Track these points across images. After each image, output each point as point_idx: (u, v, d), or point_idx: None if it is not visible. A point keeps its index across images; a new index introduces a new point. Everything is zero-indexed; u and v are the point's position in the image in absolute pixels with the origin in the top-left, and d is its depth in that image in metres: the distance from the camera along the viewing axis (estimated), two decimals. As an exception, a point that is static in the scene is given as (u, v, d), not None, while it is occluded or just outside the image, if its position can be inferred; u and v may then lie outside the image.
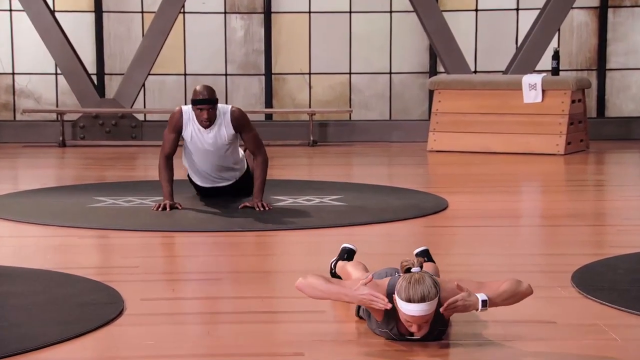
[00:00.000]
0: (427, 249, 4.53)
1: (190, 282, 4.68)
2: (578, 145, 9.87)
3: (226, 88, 11.50)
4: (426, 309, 3.44)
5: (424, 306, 3.43)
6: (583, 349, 3.58)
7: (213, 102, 6.35)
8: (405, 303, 3.45)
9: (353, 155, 10.02)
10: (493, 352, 3.53)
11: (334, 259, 4.52)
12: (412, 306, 3.43)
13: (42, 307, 4.08)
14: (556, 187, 8.03)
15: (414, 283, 3.44)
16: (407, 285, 3.44)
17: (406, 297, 3.44)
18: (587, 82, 10.08)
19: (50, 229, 5.92)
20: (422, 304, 3.43)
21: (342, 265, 4.39)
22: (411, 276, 3.47)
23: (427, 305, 3.44)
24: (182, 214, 6.28)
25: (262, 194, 6.48)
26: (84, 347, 3.63)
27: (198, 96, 6.32)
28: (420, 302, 3.42)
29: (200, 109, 6.33)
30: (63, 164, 9.69)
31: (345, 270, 4.33)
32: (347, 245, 4.54)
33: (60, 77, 11.17)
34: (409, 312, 3.45)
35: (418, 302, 3.42)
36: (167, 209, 6.32)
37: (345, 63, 11.46)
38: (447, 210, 6.52)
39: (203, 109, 6.32)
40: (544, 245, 5.72)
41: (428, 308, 3.45)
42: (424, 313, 3.45)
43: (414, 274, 3.49)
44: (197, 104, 6.33)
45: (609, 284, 4.48)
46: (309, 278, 3.66)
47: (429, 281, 3.46)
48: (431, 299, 3.44)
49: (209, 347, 3.61)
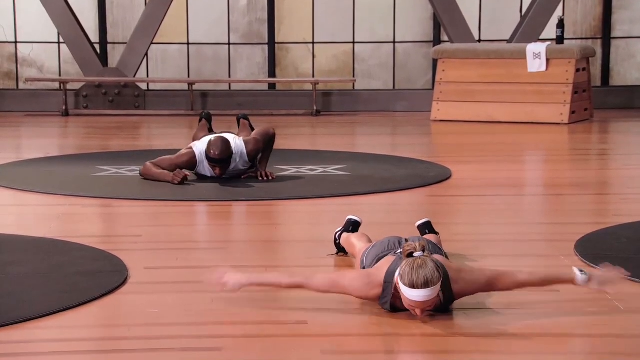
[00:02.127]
0: (429, 221, 4.53)
1: (193, 250, 4.67)
2: (582, 115, 9.86)
3: (229, 57, 11.46)
4: (429, 294, 3.43)
5: (427, 291, 3.42)
6: (586, 317, 3.60)
7: (227, 161, 6.20)
8: (408, 289, 3.44)
9: (356, 125, 10.00)
10: (496, 320, 3.55)
11: (339, 230, 4.52)
12: (415, 292, 3.43)
13: (45, 276, 4.08)
14: (560, 156, 8.03)
15: (416, 268, 3.42)
16: (410, 271, 3.43)
17: (409, 283, 3.43)
18: (591, 50, 10.07)
19: (53, 198, 5.91)
20: (426, 289, 3.42)
21: (347, 237, 4.40)
22: (414, 261, 3.46)
23: (431, 290, 3.43)
24: (185, 184, 6.29)
25: (266, 164, 6.51)
26: (87, 316, 3.63)
27: (212, 153, 6.15)
28: (423, 287, 3.42)
29: (214, 166, 6.23)
30: (66, 133, 9.68)
31: (349, 242, 4.34)
32: (353, 217, 4.54)
33: (63, 45, 11.19)
34: (412, 297, 3.44)
35: (421, 288, 3.42)
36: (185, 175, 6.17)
37: (349, 32, 11.42)
38: (450, 179, 6.53)
39: (217, 165, 6.22)
40: (547, 214, 5.71)
41: (431, 293, 3.44)
42: (428, 298, 3.44)
43: (417, 258, 3.47)
44: (211, 162, 6.21)
45: (612, 252, 4.48)
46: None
47: (431, 266, 3.44)
48: (434, 284, 3.43)
49: (213, 316, 3.61)
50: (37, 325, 3.49)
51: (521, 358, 3.21)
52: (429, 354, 3.28)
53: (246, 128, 7.06)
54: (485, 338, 3.40)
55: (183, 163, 6.34)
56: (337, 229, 4.54)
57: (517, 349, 3.29)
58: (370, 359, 3.25)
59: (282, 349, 3.29)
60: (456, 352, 3.30)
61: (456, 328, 3.50)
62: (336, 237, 4.49)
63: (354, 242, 4.25)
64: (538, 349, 3.28)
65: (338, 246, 4.48)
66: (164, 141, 8.63)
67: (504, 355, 3.24)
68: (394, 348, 3.36)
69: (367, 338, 3.46)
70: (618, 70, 11.48)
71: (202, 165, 6.34)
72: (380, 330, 3.49)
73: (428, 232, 4.48)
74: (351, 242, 4.28)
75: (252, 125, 7.16)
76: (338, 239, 4.48)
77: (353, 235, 4.36)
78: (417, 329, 3.45)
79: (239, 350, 3.25)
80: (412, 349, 3.34)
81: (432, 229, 4.50)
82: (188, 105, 10.71)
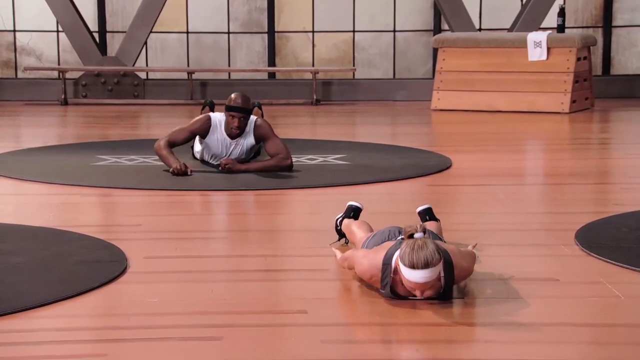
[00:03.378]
0: (430, 207, 4.51)
1: (193, 240, 4.66)
2: (583, 104, 9.84)
3: (229, 46, 11.44)
4: (429, 275, 3.43)
5: (428, 272, 3.42)
6: (586, 306, 3.60)
7: (248, 111, 6.27)
8: (408, 270, 3.44)
9: (356, 114, 10.00)
10: (495, 309, 3.55)
11: (340, 215, 4.51)
12: (415, 272, 3.42)
13: (44, 265, 4.07)
14: (561, 145, 8.02)
15: (417, 249, 3.42)
16: (410, 252, 3.43)
17: (409, 264, 3.43)
18: (592, 39, 10.04)
19: (52, 187, 5.90)
20: (426, 270, 3.42)
21: (348, 224, 4.38)
22: (414, 242, 3.46)
23: (431, 271, 3.43)
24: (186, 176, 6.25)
25: (252, 169, 6.28)
26: (86, 305, 3.63)
27: (233, 103, 6.23)
28: (423, 268, 3.42)
29: (233, 116, 6.25)
30: (65, 122, 9.67)
31: (350, 229, 4.32)
32: (354, 204, 4.53)
33: (61, 34, 11.17)
34: (412, 278, 3.44)
35: (421, 269, 3.42)
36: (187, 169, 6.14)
37: (349, 21, 11.40)
38: (451, 169, 6.52)
39: (236, 116, 6.25)
40: (548, 203, 5.70)
41: (431, 274, 3.44)
42: (428, 279, 3.44)
43: (417, 239, 3.48)
44: (231, 111, 6.24)
45: (612, 241, 4.48)
46: None
47: (432, 247, 3.44)
48: (434, 265, 3.43)
49: (213, 305, 3.61)
50: (36, 314, 3.49)
51: (523, 347, 3.20)
52: (430, 343, 3.27)
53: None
54: (486, 327, 3.40)
55: (198, 128, 6.34)
56: (337, 215, 4.53)
57: (518, 338, 3.28)
58: (371, 348, 3.25)
59: (283, 339, 3.29)
60: (458, 341, 3.29)
61: (457, 317, 3.50)
62: (337, 223, 4.48)
63: (354, 231, 4.24)
64: (540, 338, 3.27)
65: (339, 232, 4.46)
66: (163, 130, 8.34)
67: (505, 345, 3.23)
68: (395, 338, 3.36)
69: (368, 327, 3.45)
70: (619, 59, 11.46)
71: (214, 133, 6.34)
72: (381, 319, 3.48)
73: (429, 218, 4.47)
74: (352, 230, 4.27)
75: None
76: (339, 225, 4.46)
77: (354, 223, 4.34)
78: (418, 318, 3.45)
79: (239, 340, 3.25)
80: (413, 339, 3.33)
81: (433, 216, 4.48)
82: (187, 94, 10.70)
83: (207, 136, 6.38)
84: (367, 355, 3.16)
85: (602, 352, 3.19)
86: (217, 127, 6.35)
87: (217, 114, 6.40)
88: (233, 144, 6.40)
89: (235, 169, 6.22)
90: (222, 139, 6.38)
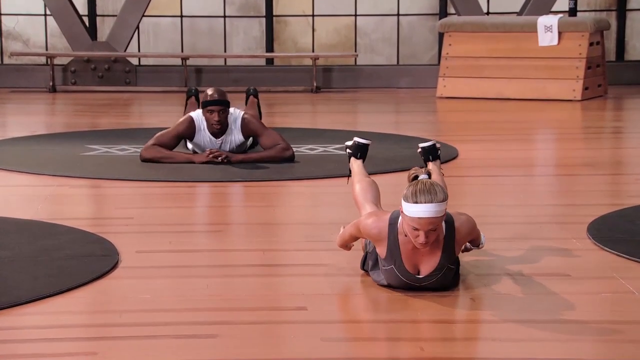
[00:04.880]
0: (434, 144, 4.44)
1: (187, 234, 4.64)
2: (596, 91, 9.77)
3: (225, 31, 11.40)
4: (435, 210, 3.37)
5: (432, 207, 3.37)
6: (599, 302, 3.58)
7: (225, 103, 6.18)
8: (412, 205, 3.39)
9: (358, 102, 9.94)
10: (503, 305, 3.53)
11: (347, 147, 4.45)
12: (420, 207, 3.37)
13: (33, 260, 4.05)
14: (572, 134, 7.94)
15: (421, 186, 3.42)
16: (414, 189, 3.42)
17: (413, 199, 3.39)
18: (606, 23, 10.01)
19: (40, 178, 5.86)
20: (431, 204, 3.37)
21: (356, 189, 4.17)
22: (419, 182, 3.46)
23: (436, 206, 3.37)
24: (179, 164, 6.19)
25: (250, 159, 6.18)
26: (77, 301, 3.61)
27: (209, 98, 6.16)
28: (428, 202, 3.38)
29: (212, 111, 6.13)
30: (53, 110, 9.60)
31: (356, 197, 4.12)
32: (360, 140, 4.43)
33: (49, 18, 11.11)
34: (416, 214, 3.37)
35: (426, 203, 3.37)
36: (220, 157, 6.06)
37: (351, 4, 11.33)
38: (457, 159, 6.48)
39: (214, 110, 6.13)
40: (559, 195, 5.67)
41: (437, 210, 3.38)
42: (432, 215, 3.38)
43: (422, 180, 3.48)
44: (208, 106, 6.16)
45: (626, 235, 4.46)
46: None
47: (437, 186, 3.44)
48: (439, 201, 3.39)
49: (207, 301, 3.59)
50: (25, 311, 3.47)
51: (532, 345, 3.14)
52: (434, 341, 3.22)
53: (253, 107, 7.03)
54: (493, 324, 3.35)
55: (183, 130, 6.30)
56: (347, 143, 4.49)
57: (527, 335, 3.22)
58: (372, 346, 3.22)
59: (281, 336, 3.28)
60: (463, 339, 3.28)
61: (463, 314, 3.49)
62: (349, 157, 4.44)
63: (361, 202, 4.04)
64: (550, 336, 3.21)
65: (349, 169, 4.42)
66: (156, 119, 8.69)
67: (513, 343, 3.18)
68: (398, 335, 3.31)
69: (370, 324, 3.42)
70: (633, 44, 11.43)
71: (200, 133, 6.27)
72: (384, 316, 3.46)
73: (432, 159, 4.43)
74: (359, 200, 4.07)
75: (260, 105, 7.10)
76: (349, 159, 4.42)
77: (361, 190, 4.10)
78: (422, 315, 3.41)
79: (235, 338, 3.22)
80: (417, 336, 3.27)
81: (436, 154, 4.41)
82: (181, 81, 10.63)
83: (193, 137, 6.33)
84: (369, 354, 3.13)
85: (615, 349, 3.12)
86: (200, 128, 6.28)
87: (199, 111, 6.29)
88: (220, 142, 6.31)
89: (233, 159, 6.13)
90: (208, 139, 6.31)
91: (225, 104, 6.15)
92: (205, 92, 6.21)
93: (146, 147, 6.20)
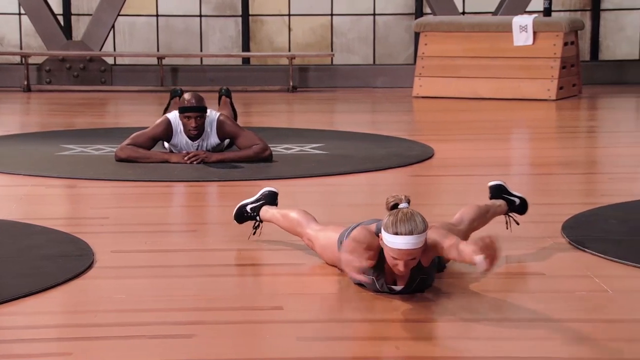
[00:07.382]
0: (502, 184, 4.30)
1: (163, 233, 4.62)
2: (570, 90, 9.79)
3: (200, 30, 11.37)
4: (414, 242, 3.38)
5: (412, 238, 3.38)
6: (573, 300, 3.58)
7: (202, 109, 6.14)
8: (392, 236, 3.39)
9: (335, 102, 9.94)
10: (479, 304, 3.53)
11: (249, 201, 4.32)
12: (399, 239, 3.37)
13: (7, 260, 4.02)
14: (547, 134, 7.97)
15: (402, 217, 3.41)
16: (394, 219, 3.41)
17: (393, 230, 3.39)
18: (580, 23, 10.05)
19: (15, 178, 5.83)
20: (410, 236, 3.38)
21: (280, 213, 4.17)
22: (399, 211, 3.45)
23: (416, 238, 3.38)
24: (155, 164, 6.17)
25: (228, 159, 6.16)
26: (52, 301, 3.60)
27: (187, 104, 6.12)
28: (408, 234, 3.38)
29: (188, 117, 6.12)
30: (28, 109, 9.56)
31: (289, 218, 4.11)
32: (270, 189, 4.36)
33: (24, 17, 11.02)
34: (396, 245, 3.38)
35: (406, 235, 3.37)
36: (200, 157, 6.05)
37: (327, 4, 11.34)
38: (433, 158, 6.48)
39: (191, 116, 6.10)
40: (533, 194, 5.68)
41: (417, 242, 3.39)
42: (412, 247, 3.39)
43: (402, 209, 3.46)
44: (185, 112, 6.12)
45: (600, 234, 4.47)
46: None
47: (418, 217, 3.44)
48: (419, 232, 3.40)
49: (183, 301, 3.58)
50: (1, 311, 3.45)
51: (508, 344, 3.15)
52: (411, 340, 3.20)
53: (227, 107, 6.99)
54: (469, 323, 3.34)
55: (160, 133, 6.25)
56: (247, 201, 4.34)
57: (503, 334, 3.23)
58: (349, 345, 3.22)
59: (257, 336, 3.28)
60: (439, 338, 3.29)
61: (438, 313, 3.49)
62: (247, 210, 4.29)
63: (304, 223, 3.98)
64: (525, 335, 3.22)
65: (246, 218, 4.29)
66: (132, 118, 8.66)
67: (489, 341, 3.17)
68: (373, 335, 3.30)
69: (346, 324, 3.41)
70: (607, 44, 11.47)
71: (177, 135, 6.25)
72: (360, 316, 3.46)
73: (519, 212, 4.28)
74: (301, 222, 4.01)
75: (233, 105, 7.06)
76: (252, 212, 4.27)
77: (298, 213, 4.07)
78: (398, 315, 3.41)
79: (211, 337, 3.21)
80: (393, 335, 3.26)
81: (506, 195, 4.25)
82: (157, 80, 10.60)
83: (170, 140, 6.30)
84: (344, 353, 3.14)
85: (589, 348, 3.12)
86: (177, 131, 6.25)
87: (176, 113, 6.25)
88: (196, 145, 6.28)
89: (211, 159, 6.11)
90: (184, 142, 6.28)
91: (202, 110, 6.12)
92: (183, 97, 6.20)
93: (122, 147, 6.17)
